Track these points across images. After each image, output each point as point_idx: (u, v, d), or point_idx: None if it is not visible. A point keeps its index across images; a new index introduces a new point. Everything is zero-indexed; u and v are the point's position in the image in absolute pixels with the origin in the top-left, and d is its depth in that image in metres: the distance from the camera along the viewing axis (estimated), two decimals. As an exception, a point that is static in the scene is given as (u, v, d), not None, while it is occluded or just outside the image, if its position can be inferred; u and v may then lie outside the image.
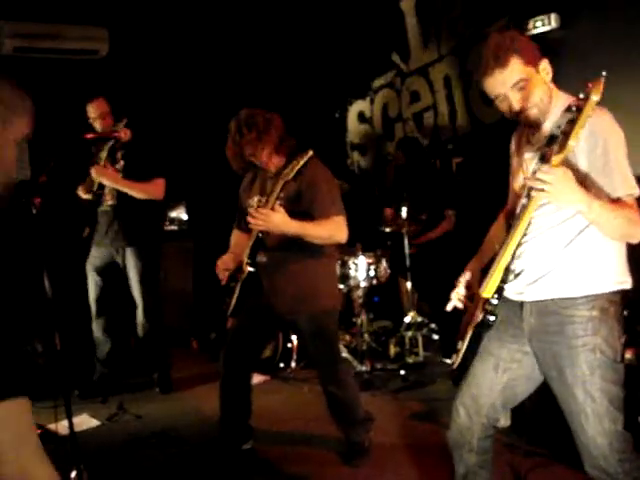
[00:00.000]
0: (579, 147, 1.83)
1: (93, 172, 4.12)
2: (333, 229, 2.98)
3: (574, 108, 1.74)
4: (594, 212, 1.79)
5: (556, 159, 1.76)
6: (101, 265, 4.30)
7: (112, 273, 4.31)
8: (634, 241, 1.90)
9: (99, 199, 4.22)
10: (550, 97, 1.97)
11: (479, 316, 1.98)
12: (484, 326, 1.98)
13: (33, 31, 5.56)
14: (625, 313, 2.99)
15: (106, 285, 4.32)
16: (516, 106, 1.95)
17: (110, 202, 4.24)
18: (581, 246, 1.93)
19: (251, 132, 2.92)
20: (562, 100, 1.97)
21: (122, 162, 4.21)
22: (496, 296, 1.94)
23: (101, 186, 4.21)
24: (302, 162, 2.78)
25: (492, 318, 1.95)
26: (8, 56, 5.55)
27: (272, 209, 2.80)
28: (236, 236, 3.29)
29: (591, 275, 1.93)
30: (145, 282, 4.29)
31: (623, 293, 1.98)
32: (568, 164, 1.81)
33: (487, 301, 1.95)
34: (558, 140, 1.77)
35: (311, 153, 2.81)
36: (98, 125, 4.23)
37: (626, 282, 1.98)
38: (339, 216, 2.99)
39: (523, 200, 1.90)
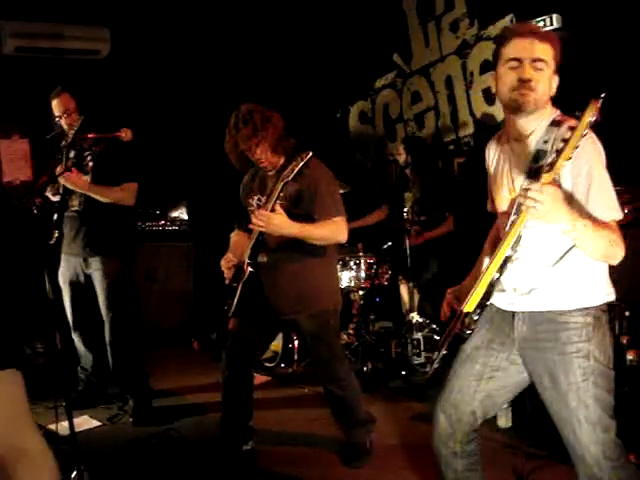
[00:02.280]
0: (566, 168, 1.81)
1: (60, 179, 3.68)
2: (334, 230, 2.97)
3: (567, 126, 1.69)
4: (578, 231, 1.79)
5: (547, 177, 1.73)
6: (71, 277, 3.91)
7: (83, 285, 3.90)
8: (614, 262, 1.89)
9: (66, 203, 3.76)
10: (546, 102, 1.95)
11: (456, 329, 1.99)
12: (459, 339, 1.99)
13: (34, 31, 5.58)
14: (627, 314, 3.02)
15: (80, 297, 3.93)
16: (527, 75, 1.88)
17: (76, 207, 3.81)
18: (572, 261, 1.93)
19: (247, 127, 2.89)
20: (551, 116, 1.95)
21: (91, 164, 3.78)
22: (478, 311, 1.93)
23: (68, 189, 3.71)
24: (302, 163, 2.77)
25: (468, 332, 1.96)
26: (9, 56, 5.57)
27: (272, 210, 2.79)
28: (236, 236, 3.27)
29: (583, 290, 1.94)
30: (112, 296, 3.81)
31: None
32: (557, 182, 1.80)
33: (467, 315, 1.95)
34: (548, 157, 1.75)
35: (311, 154, 2.79)
36: (64, 122, 3.84)
37: (612, 294, 2.00)
38: (339, 217, 2.99)
39: (512, 217, 1.87)
